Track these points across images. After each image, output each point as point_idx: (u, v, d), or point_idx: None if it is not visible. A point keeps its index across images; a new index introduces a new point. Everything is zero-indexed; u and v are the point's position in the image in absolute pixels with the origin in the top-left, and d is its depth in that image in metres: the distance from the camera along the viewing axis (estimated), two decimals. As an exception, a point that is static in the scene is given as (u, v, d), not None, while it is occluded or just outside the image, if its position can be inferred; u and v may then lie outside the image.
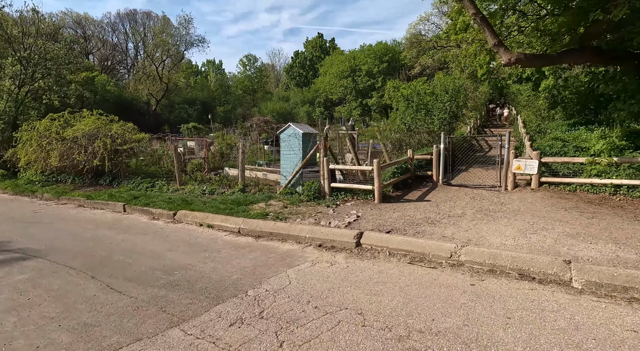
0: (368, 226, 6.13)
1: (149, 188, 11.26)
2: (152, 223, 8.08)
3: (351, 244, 5.51)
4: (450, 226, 5.92)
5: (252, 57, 57.08)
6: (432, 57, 37.88)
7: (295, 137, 8.97)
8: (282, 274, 4.61)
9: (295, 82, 54.72)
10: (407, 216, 6.65)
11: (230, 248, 5.91)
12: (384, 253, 5.13)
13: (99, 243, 6.43)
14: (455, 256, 4.57)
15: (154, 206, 8.95)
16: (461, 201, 7.66)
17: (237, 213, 7.62)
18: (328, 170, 8.24)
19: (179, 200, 9.28)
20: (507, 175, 8.38)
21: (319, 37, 55.14)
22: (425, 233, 5.65)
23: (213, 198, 9.33)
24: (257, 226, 6.74)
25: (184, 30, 52.86)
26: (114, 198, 10.10)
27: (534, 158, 7.99)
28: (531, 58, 6.82)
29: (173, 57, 54.48)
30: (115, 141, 12.28)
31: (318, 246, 5.74)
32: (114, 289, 4.34)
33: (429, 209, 7.12)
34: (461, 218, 6.39)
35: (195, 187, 10.73)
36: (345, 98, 42.39)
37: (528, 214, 6.38)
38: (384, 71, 39.34)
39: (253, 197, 8.89)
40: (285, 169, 9.33)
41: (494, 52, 7.05)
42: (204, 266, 5.06)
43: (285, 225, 6.49)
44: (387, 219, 6.49)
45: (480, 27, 6.86)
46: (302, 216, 7.12)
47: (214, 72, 66.38)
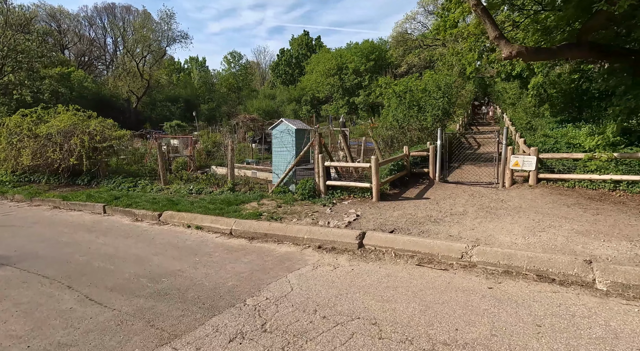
0: (369, 226, 5.82)
1: (131, 188, 10.63)
2: (135, 225, 7.54)
3: (353, 246, 5.18)
4: (455, 225, 5.67)
5: (237, 55, 56.12)
6: (418, 56, 38.06)
7: (288, 133, 8.58)
8: (282, 280, 4.24)
9: (281, 80, 54.06)
10: (408, 215, 6.37)
11: (222, 251, 5.48)
12: (390, 255, 4.82)
13: (76, 248, 5.88)
14: (467, 256, 4.30)
15: (137, 207, 8.39)
16: (461, 199, 7.45)
17: (228, 213, 7.17)
18: (323, 167, 7.89)
19: (164, 200, 8.74)
20: (505, 172, 8.24)
21: (305, 35, 54.65)
22: (430, 232, 5.37)
23: (201, 198, 8.84)
24: (250, 226, 6.33)
25: (166, 26, 51.41)
26: (92, 198, 9.45)
27: (532, 154, 7.86)
28: (532, 52, 6.66)
29: (154, 53, 52.87)
30: (93, 138, 11.56)
31: (317, 248, 5.39)
32: (94, 301, 3.87)
33: (430, 207, 6.87)
34: (464, 216, 6.16)
35: (181, 186, 10.18)
36: (332, 96, 42.11)
37: (531, 212, 6.21)
38: (370, 69, 39.25)
39: (244, 196, 8.44)
40: (278, 166, 8.92)
41: (494, 45, 6.85)
42: (195, 272, 4.63)
43: (281, 226, 6.11)
44: (388, 218, 6.19)
45: (481, 19, 6.66)
46: (298, 215, 6.75)
47: (198, 69, 64.91)
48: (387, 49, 42.91)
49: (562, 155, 7.96)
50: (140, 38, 50.15)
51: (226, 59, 56.95)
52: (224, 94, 51.84)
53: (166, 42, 52.83)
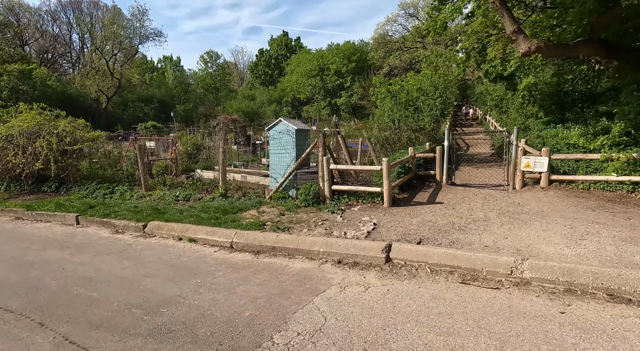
0: (392, 236, 5.24)
1: (107, 195, 9.55)
2: (116, 238, 6.60)
3: (380, 260, 4.58)
4: (485, 233, 5.19)
5: (214, 54, 54.44)
6: (399, 58, 38.23)
7: (288, 134, 7.88)
8: (309, 307, 3.56)
9: (261, 80, 52.96)
10: (428, 222, 5.85)
11: (227, 270, 4.73)
12: (424, 270, 4.25)
13: (47, 270, 4.93)
14: (517, 272, 3.80)
15: (117, 217, 7.43)
16: (475, 203, 7.03)
17: (226, 223, 6.39)
18: (328, 171, 7.26)
19: (149, 209, 7.81)
20: (515, 173, 7.93)
21: (284, 36, 53.87)
22: (461, 242, 4.86)
23: (190, 205, 7.97)
24: (254, 239, 5.59)
25: (138, 23, 49.02)
26: (63, 207, 8.35)
27: (543, 155, 7.58)
28: (551, 47, 6.36)
29: (126, 51, 50.26)
30: (62, 139, 10.36)
31: (337, 263, 4.75)
32: (77, 345, 3.05)
33: (448, 212, 6.39)
34: (488, 223, 5.71)
35: (165, 193, 9.24)
36: (314, 97, 41.56)
37: (556, 216, 5.85)
38: (352, 71, 39.03)
39: (240, 203, 7.66)
40: (276, 170, 8.20)
41: (513, 39, 6.50)
42: (200, 298, 3.87)
43: (290, 237, 5.41)
44: (408, 227, 5.64)
45: (499, 12, 6.29)
46: (307, 225, 6.07)
47: (172, 68, 62.57)
48: (368, 50, 42.90)
49: (576, 156, 7.74)
50: (110, 35, 47.58)
51: (202, 58, 55.17)
52: (201, 95, 50.11)
53: (138, 40, 50.42)
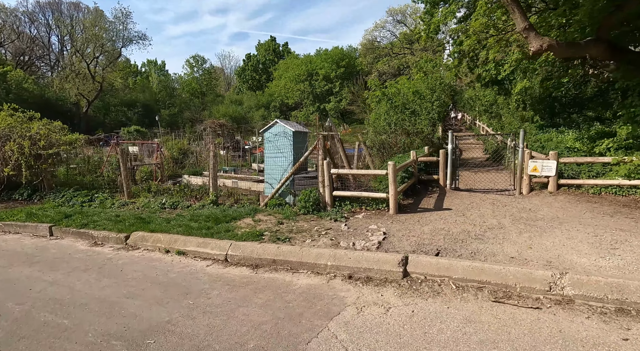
0: (405, 247, 4.77)
1: (85, 203, 8.79)
2: (94, 251, 5.92)
3: (396, 274, 4.09)
4: (505, 242, 4.78)
5: (200, 58, 53.50)
6: (387, 64, 38.36)
7: (285, 136, 7.37)
8: (324, 334, 3.03)
9: (248, 85, 52.31)
10: (441, 231, 5.41)
11: (223, 288, 4.15)
12: (449, 287, 3.78)
13: (10, 292, 4.25)
14: (557, 288, 3.37)
15: (96, 227, 6.73)
16: (485, 209, 6.66)
17: (219, 233, 5.80)
18: (329, 176, 6.76)
19: (132, 218, 7.13)
20: (522, 178, 7.62)
21: (272, 41, 53.50)
22: (483, 253, 4.43)
23: (178, 214, 7.33)
24: (252, 251, 5.02)
25: (121, 25, 47.80)
26: (35, 217, 7.57)
27: (551, 159, 7.31)
28: (563, 46, 6.10)
29: (108, 54, 48.80)
30: (36, 143, 9.55)
31: (348, 278, 4.23)
32: (40, 393, 2.43)
33: (459, 220, 5.98)
34: (504, 231, 5.31)
35: (150, 200, 8.55)
36: (302, 102, 41.19)
37: (575, 223, 5.51)
38: (341, 76, 38.89)
39: (233, 211, 7.07)
40: (271, 175, 7.65)
41: (523, 37, 6.21)
42: (194, 325, 3.29)
43: (293, 249, 4.87)
44: (421, 236, 5.18)
45: (509, 9, 6.00)
46: (309, 234, 5.54)
47: (156, 73, 61.21)
48: (357, 56, 42.94)
49: (586, 159, 7.50)
50: (91, 37, 46.13)
51: (188, 62, 54.17)
52: (187, 99, 49.04)
53: (121, 43, 49.11)
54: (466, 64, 18.72)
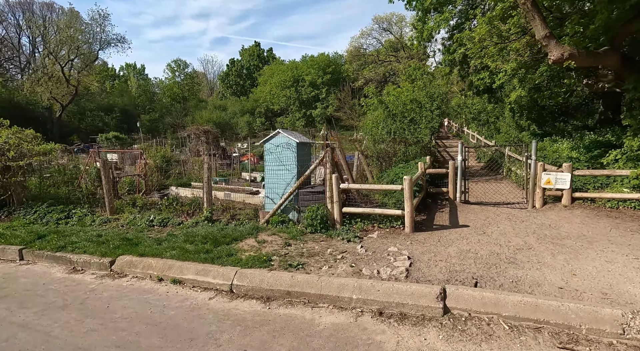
0: (436, 274, 4.28)
1: (62, 220, 7.90)
2: (73, 279, 5.16)
3: (436, 311, 3.58)
4: (544, 267, 4.37)
5: (182, 63, 52.10)
6: (374, 71, 38.44)
7: (288, 148, 6.80)
8: (374, 399, 2.48)
9: (232, 91, 51.32)
10: (468, 253, 4.97)
11: (234, 329, 3.53)
12: (500, 327, 3.31)
13: (-30, 343, 3.47)
14: (632, 331, 2.95)
15: (75, 250, 5.94)
16: (503, 225, 6.29)
17: (220, 258, 5.14)
18: (338, 191, 6.23)
19: (116, 238, 6.36)
20: (535, 191, 7.34)
21: (256, 46, 52.84)
22: (524, 281, 3.99)
23: (169, 233, 6.60)
24: (262, 280, 4.41)
25: (99, 27, 46.02)
26: (1, 238, 6.68)
27: (565, 171, 7.06)
28: (583, 55, 5.87)
29: (84, 56, 46.75)
30: (4, 154, 8.58)
31: (378, 315, 3.70)
32: None
33: (482, 239, 5.57)
34: (535, 252, 4.93)
35: (135, 216, 7.76)
36: (288, 108, 40.65)
37: (605, 242, 5.20)
38: (327, 82, 38.64)
39: (232, 230, 6.41)
40: (273, 189, 7.05)
41: (543, 45, 5.93)
42: (208, 389, 2.66)
43: (310, 279, 4.30)
44: (449, 260, 4.72)
45: (530, 15, 5.71)
46: (324, 259, 4.98)
47: (136, 77, 59.26)
48: (343, 63, 42.90)
49: (602, 172, 7.28)
50: (66, 39, 44.08)
51: (170, 67, 52.63)
52: (168, 104, 47.56)
53: (99, 45, 47.25)
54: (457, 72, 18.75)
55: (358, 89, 38.53)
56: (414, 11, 17.20)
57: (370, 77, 37.97)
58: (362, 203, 7.11)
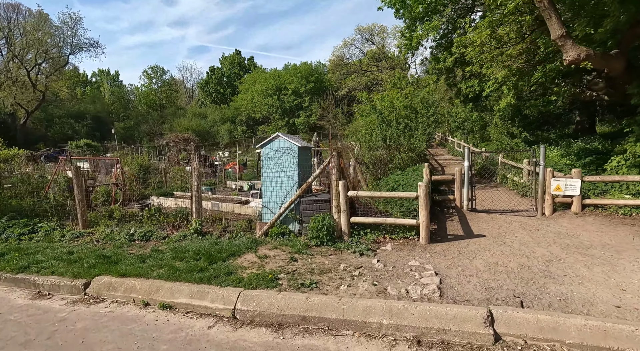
0: (472, 292, 3.78)
1: (25, 236, 6.91)
2: (39, 307, 4.33)
3: (485, 338, 3.07)
4: (585, 282, 3.97)
5: (160, 70, 50.54)
6: (356, 80, 38.61)
7: (289, 153, 6.21)
8: None
9: (212, 99, 50.17)
10: (496, 265, 4.52)
11: (248, 373, 2.87)
12: (564, 354, 2.83)
13: None
14: None
15: (41, 271, 5.09)
16: (520, 234, 5.94)
17: (218, 277, 4.45)
18: (346, 199, 5.69)
19: (91, 256, 5.51)
20: (545, 197, 7.08)
21: (237, 54, 52.15)
22: (573, 299, 3.56)
23: (154, 248, 5.80)
24: (271, 304, 3.77)
25: (70, 31, 44.01)
26: (-49, 259, 5.66)
27: (575, 177, 6.84)
28: (599, 56, 5.69)
29: (53, 61, 44.46)
30: (-42, 159, 7.51)
31: (416, 344, 3.14)
32: None
33: (505, 250, 5.15)
34: (567, 264, 4.55)
35: (113, 230, 6.89)
36: (271, 117, 40.02)
37: (633, 251, 4.92)
38: (311, 91, 38.40)
39: (227, 244, 5.70)
40: (271, 198, 6.41)
41: (559, 45, 5.71)
42: None
43: (328, 301, 3.69)
44: (480, 275, 4.24)
45: (546, 13, 5.48)
46: (339, 276, 4.38)
47: (109, 83, 56.92)
48: (325, 72, 42.92)
49: (614, 178, 7.10)
50: (33, 42, 41.81)
51: (146, 73, 50.90)
52: (144, 112, 45.82)
53: (70, 50, 45.14)
54: (444, 80, 18.85)
55: (341, 98, 38.53)
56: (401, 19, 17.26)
57: (353, 87, 38.06)
58: (367, 212, 6.59)
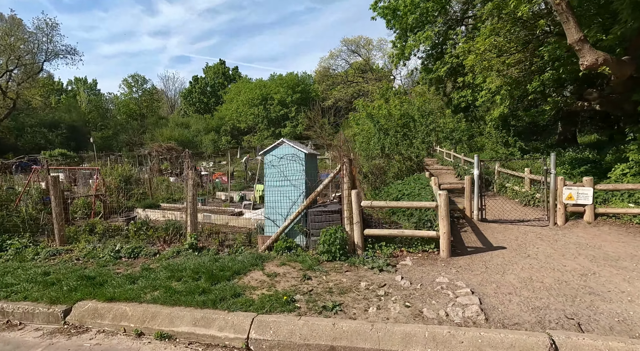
0: (519, 314, 3.38)
1: (-8, 254, 6.07)
2: (7, 340, 3.68)
3: (550, 367, 2.66)
4: (637, 300, 3.65)
5: (141, 78, 49.14)
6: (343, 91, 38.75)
7: (295, 160, 5.74)
8: None
9: (195, 108, 49.14)
10: (530, 281, 4.17)
11: None
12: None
13: None
14: None
15: (11, 296, 4.40)
16: (540, 246, 5.64)
17: (224, 300, 3.88)
18: (359, 210, 5.25)
19: (72, 277, 4.82)
20: (557, 206, 6.87)
21: (221, 64, 51.56)
22: (636, 322, 3.22)
23: (145, 267, 5.15)
24: (291, 332, 3.25)
25: (45, 37, 42.32)
26: None
27: (586, 185, 6.68)
28: (616, 62, 5.59)
29: (26, 67, 42.51)
30: None
31: (471, 377, 2.69)
32: None
33: (532, 263, 4.82)
34: (603, 278, 4.25)
35: (96, 246, 6.17)
36: (256, 127, 39.43)
37: (663, 262, 4.67)
38: (297, 101, 38.19)
39: (229, 260, 5.12)
40: (275, 209, 5.89)
41: (576, 50, 5.57)
42: None
43: (359, 327, 3.21)
44: (518, 292, 3.86)
45: (564, 17, 5.35)
46: (362, 296, 3.90)
47: (86, 92, 54.90)
48: (312, 83, 42.92)
49: (627, 186, 6.97)
50: (4, 47, 39.87)
51: (126, 82, 49.36)
52: (123, 121, 44.31)
53: (45, 56, 43.36)
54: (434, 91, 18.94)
55: (328, 108, 38.48)
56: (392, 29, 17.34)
57: (339, 97, 38.13)
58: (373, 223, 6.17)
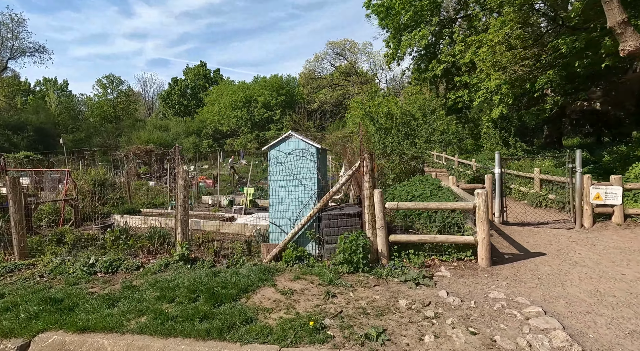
0: (617, 341, 2.72)
1: None
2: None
3: None
4: None
5: (116, 79, 46.81)
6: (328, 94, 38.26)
7: (305, 156, 4.95)
8: None
9: (175, 111, 47.35)
10: (599, 294, 3.55)
11: None
12: None
13: None
14: None
15: (-52, 331, 3.33)
16: (580, 251, 5.09)
17: (233, 327, 3.03)
18: (383, 212, 4.52)
19: (32, 299, 3.82)
20: (584, 207, 6.38)
21: (202, 66, 50.10)
22: None
23: (125, 284, 4.19)
24: (335, 375, 2.44)
25: (11, 34, 39.72)
26: None
27: (615, 184, 6.23)
28: (656, 48, 5.15)
29: (-11, 65, 39.79)
30: None
31: None
32: None
33: (585, 272, 4.23)
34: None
35: (64, 259, 5.14)
36: (240, 130, 38.24)
37: None
38: (282, 104, 37.35)
39: (231, 274, 4.24)
40: (282, 212, 5.06)
41: (617, 33, 5.08)
42: None
43: (424, 364, 2.44)
44: (597, 309, 3.23)
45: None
46: (406, 317, 3.14)
47: (56, 93, 51.94)
48: (296, 85, 42.23)
49: None
50: (-35, 43, 37.17)
51: (101, 83, 46.92)
52: (97, 124, 42.07)
53: (9, 54, 40.75)
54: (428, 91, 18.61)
55: (313, 111, 37.87)
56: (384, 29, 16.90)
57: (325, 100, 37.59)
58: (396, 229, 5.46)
